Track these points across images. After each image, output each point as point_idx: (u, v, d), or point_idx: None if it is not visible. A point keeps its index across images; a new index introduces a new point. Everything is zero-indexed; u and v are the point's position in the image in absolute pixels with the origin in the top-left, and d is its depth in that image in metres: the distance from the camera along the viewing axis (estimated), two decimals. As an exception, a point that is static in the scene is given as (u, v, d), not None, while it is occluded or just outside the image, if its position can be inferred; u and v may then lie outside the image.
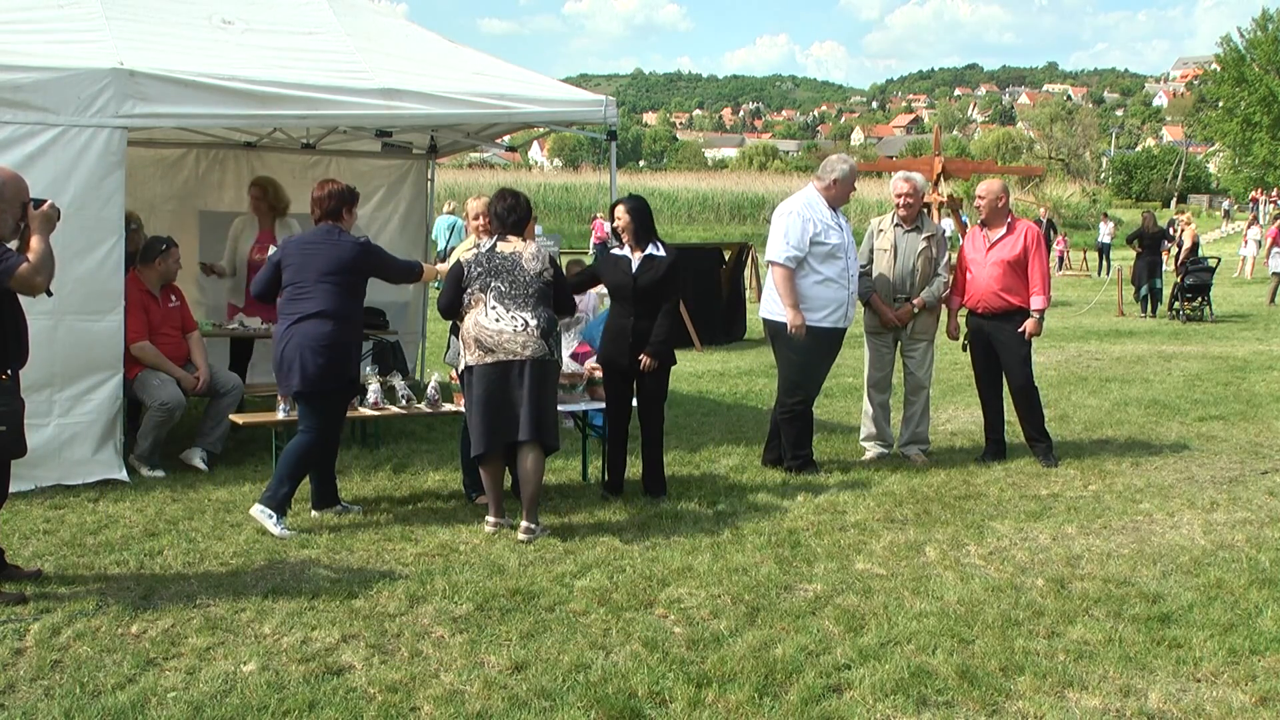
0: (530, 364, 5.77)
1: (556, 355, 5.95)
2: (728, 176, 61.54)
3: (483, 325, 5.82)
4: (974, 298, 7.67)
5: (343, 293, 5.91)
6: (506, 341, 5.78)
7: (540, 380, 5.80)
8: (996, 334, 7.63)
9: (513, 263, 5.89)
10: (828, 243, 7.16)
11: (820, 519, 6.21)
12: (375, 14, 8.85)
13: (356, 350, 6.10)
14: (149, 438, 7.09)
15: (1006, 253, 7.54)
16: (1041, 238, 7.79)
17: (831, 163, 7.50)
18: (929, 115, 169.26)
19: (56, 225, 4.80)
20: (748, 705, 3.87)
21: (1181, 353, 14.04)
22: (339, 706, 3.83)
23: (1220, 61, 56.27)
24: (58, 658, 4.21)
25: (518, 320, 5.80)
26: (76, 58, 6.59)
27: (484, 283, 5.88)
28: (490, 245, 5.99)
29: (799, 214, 7.21)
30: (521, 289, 5.85)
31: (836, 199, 7.35)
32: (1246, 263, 29.61)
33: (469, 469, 6.55)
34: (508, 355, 5.78)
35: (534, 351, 5.78)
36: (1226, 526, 6.19)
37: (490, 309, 5.83)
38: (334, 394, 5.95)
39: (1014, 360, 7.65)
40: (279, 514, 5.83)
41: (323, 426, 5.94)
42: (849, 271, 7.29)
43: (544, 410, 5.82)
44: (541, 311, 5.87)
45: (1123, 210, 53.73)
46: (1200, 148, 77.71)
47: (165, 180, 9.71)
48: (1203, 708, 3.92)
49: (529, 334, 5.79)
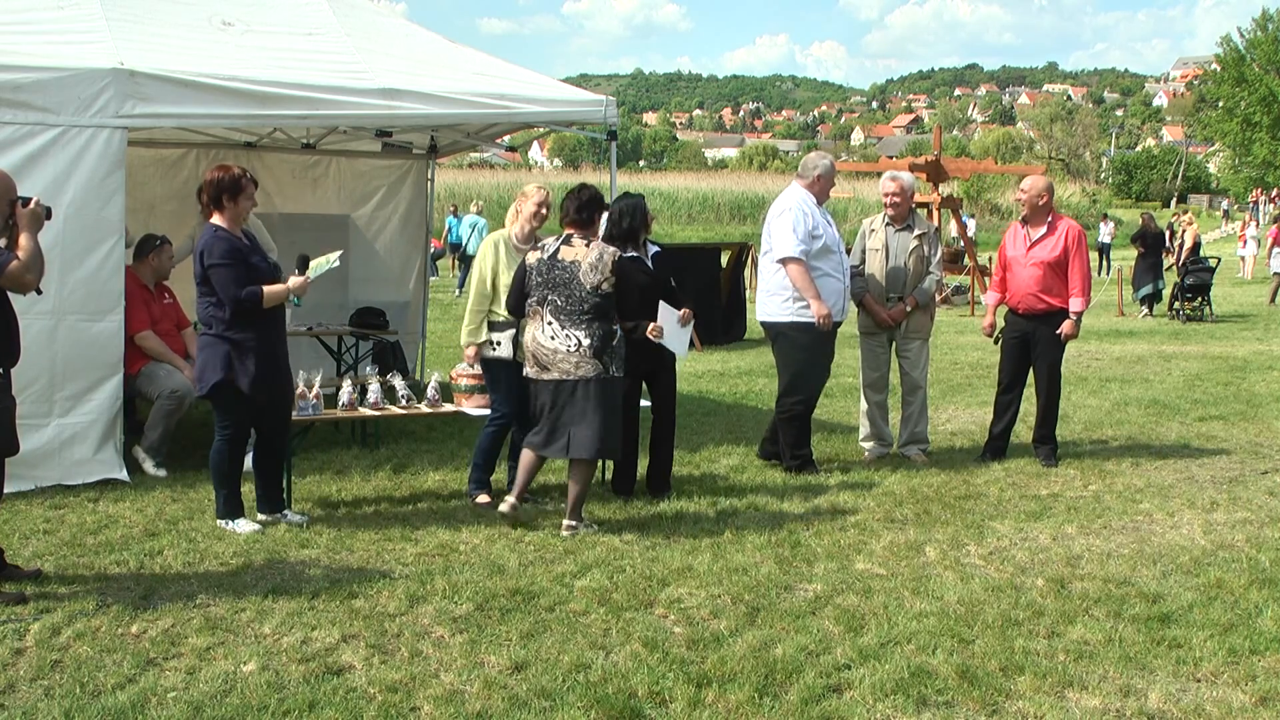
0: (582, 384, 5.80)
1: (614, 370, 5.91)
2: (728, 176, 61.51)
3: (539, 342, 5.87)
4: (1015, 297, 7.63)
5: (200, 293, 5.77)
6: (560, 361, 5.82)
7: (598, 398, 5.81)
8: (1034, 334, 7.59)
9: (570, 275, 5.83)
10: (822, 237, 7.19)
11: (820, 519, 6.21)
12: (375, 14, 8.85)
13: (241, 351, 5.69)
14: (158, 428, 7.07)
15: (1047, 253, 7.47)
16: (1084, 237, 7.68)
17: (812, 159, 7.54)
18: (929, 115, 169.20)
19: (45, 223, 4.80)
20: (748, 705, 3.87)
21: (1181, 353, 14.04)
22: (339, 706, 3.83)
23: (1220, 61, 56.26)
24: (58, 658, 4.21)
25: (571, 340, 5.80)
26: (76, 58, 6.59)
27: (541, 295, 5.89)
28: (553, 251, 5.94)
29: (798, 209, 7.22)
30: (577, 304, 5.81)
31: (821, 194, 7.38)
32: (1246, 263, 29.61)
33: (476, 465, 6.56)
34: (561, 374, 5.82)
35: (587, 371, 5.80)
36: (1226, 526, 6.19)
37: (546, 324, 5.85)
38: (222, 394, 5.78)
39: (1046, 361, 7.63)
40: (231, 517, 5.88)
41: (226, 426, 5.87)
42: (843, 265, 7.34)
43: (604, 427, 5.84)
44: (596, 329, 5.82)
45: (1123, 210, 53.77)
46: (1200, 148, 77.72)
47: (165, 180, 9.72)
48: (1203, 708, 3.91)
49: (581, 354, 5.80)
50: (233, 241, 5.73)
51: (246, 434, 5.96)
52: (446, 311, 18.71)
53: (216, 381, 5.71)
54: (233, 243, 5.72)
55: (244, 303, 5.63)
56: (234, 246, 5.71)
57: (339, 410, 6.63)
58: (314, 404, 6.36)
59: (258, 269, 5.76)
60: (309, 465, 7.26)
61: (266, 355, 5.77)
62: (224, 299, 5.65)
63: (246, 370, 5.69)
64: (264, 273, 5.78)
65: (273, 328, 5.85)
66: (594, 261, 5.82)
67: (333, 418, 6.65)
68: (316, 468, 7.27)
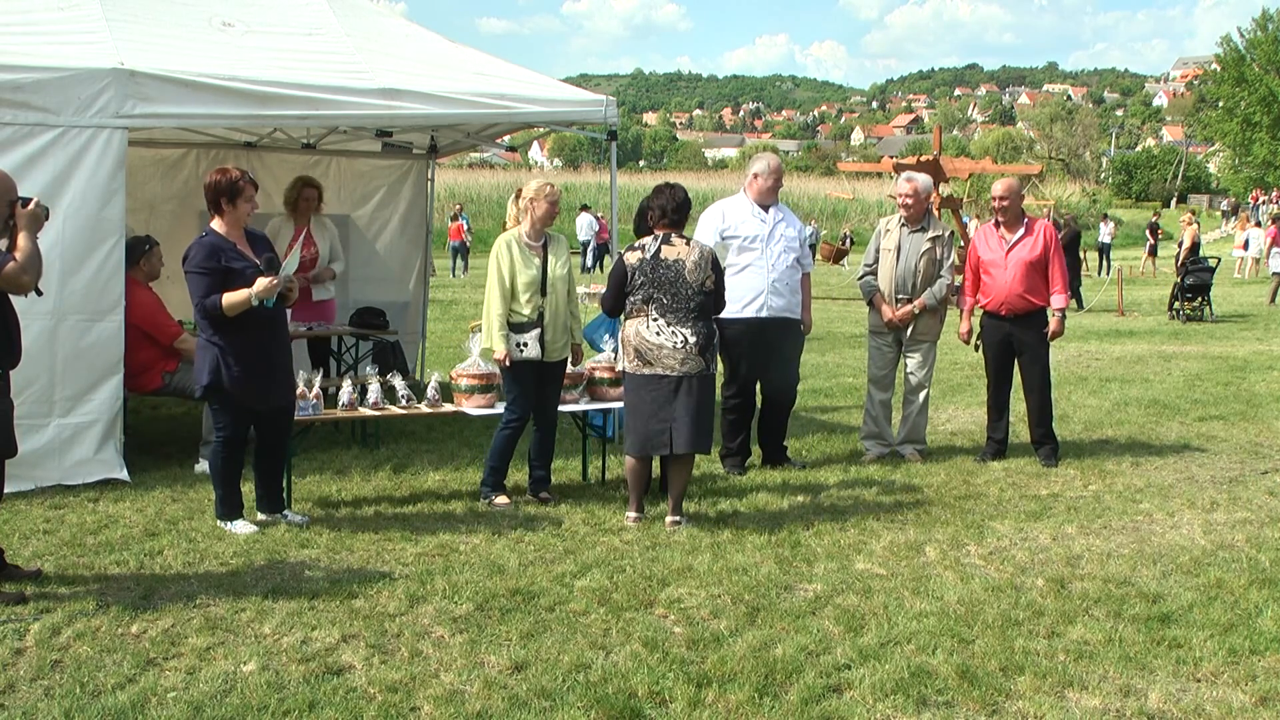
0: (686, 380, 5.94)
1: (713, 368, 6.09)
2: (728, 176, 61.48)
3: (644, 337, 5.98)
4: (996, 300, 7.63)
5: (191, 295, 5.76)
6: (665, 357, 5.94)
7: (698, 394, 5.97)
8: (1019, 335, 7.62)
9: (675, 273, 5.98)
10: (738, 236, 7.27)
11: (820, 519, 6.21)
12: (375, 14, 8.85)
13: (228, 355, 5.68)
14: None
15: (1027, 253, 7.52)
16: (1059, 236, 7.87)
17: (753, 160, 7.65)
18: (929, 115, 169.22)
19: (44, 224, 4.79)
20: (748, 705, 3.87)
21: (1181, 353, 14.04)
22: (339, 706, 3.83)
23: (1220, 61, 56.32)
24: (58, 658, 4.21)
25: (678, 336, 5.93)
26: (77, 58, 6.59)
27: (647, 294, 6.00)
28: (654, 251, 6.05)
29: (716, 211, 7.47)
30: (684, 303, 5.96)
31: (760, 194, 7.38)
32: (1246, 263, 29.61)
33: (494, 468, 6.57)
34: (665, 370, 5.95)
35: (691, 368, 5.94)
36: (1226, 526, 6.19)
37: (652, 321, 5.97)
38: (214, 396, 5.80)
39: (1035, 361, 7.65)
40: (229, 518, 5.89)
41: (221, 428, 5.87)
42: (768, 261, 7.25)
43: (701, 422, 6.00)
44: (701, 327, 6.00)
45: (1123, 210, 53.78)
46: (1200, 148, 77.74)
47: (165, 180, 9.72)
48: (1203, 708, 3.92)
49: (687, 350, 5.94)
50: (216, 247, 5.70)
51: (242, 435, 5.95)
52: (446, 311, 18.71)
53: (205, 384, 5.75)
54: (215, 248, 5.69)
55: (209, 310, 5.65)
56: (214, 253, 5.67)
57: (339, 410, 6.63)
58: (314, 404, 6.36)
59: (241, 274, 5.68)
60: (309, 465, 7.26)
61: (257, 359, 5.75)
62: (194, 305, 5.72)
63: (233, 374, 5.69)
64: (247, 277, 5.70)
65: (265, 330, 5.78)
66: (697, 260, 6.00)
67: (333, 418, 6.64)
68: (316, 468, 7.27)
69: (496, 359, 6.43)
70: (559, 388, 6.70)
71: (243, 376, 5.70)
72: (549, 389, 6.59)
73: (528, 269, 6.37)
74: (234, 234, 5.80)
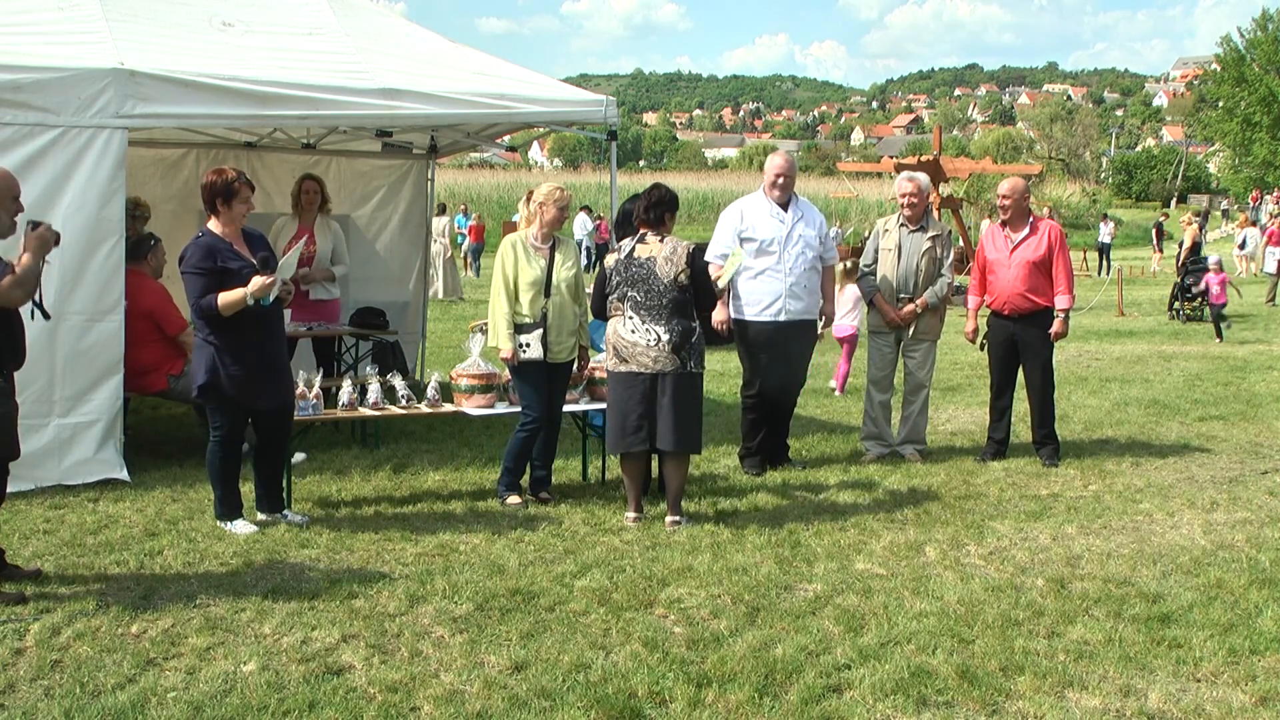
0: (661, 378, 5.97)
1: (693, 366, 6.07)
2: (728, 176, 61.47)
3: (620, 334, 6.05)
4: (999, 299, 7.64)
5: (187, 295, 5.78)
6: (640, 354, 5.99)
7: (675, 392, 5.97)
8: (1022, 335, 7.61)
9: (648, 270, 6.01)
10: (756, 240, 7.22)
11: (820, 519, 6.21)
12: (375, 14, 8.85)
13: (223, 354, 5.68)
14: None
15: (1031, 253, 7.52)
16: (1064, 236, 7.82)
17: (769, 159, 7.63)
18: (929, 115, 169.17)
19: (53, 248, 4.85)
20: (748, 705, 3.87)
21: (1181, 353, 14.04)
22: (339, 706, 3.83)
23: (1220, 61, 56.25)
24: (58, 658, 4.21)
25: (651, 334, 5.97)
26: (77, 58, 6.59)
27: (621, 292, 6.07)
28: (629, 250, 6.11)
29: (734, 210, 7.40)
30: (656, 299, 5.99)
31: (776, 193, 7.35)
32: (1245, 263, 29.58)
33: (508, 468, 6.58)
34: (639, 367, 5.99)
35: (664, 366, 5.96)
36: (1226, 526, 6.19)
37: (627, 319, 6.03)
38: (210, 396, 5.80)
39: (1037, 361, 7.65)
40: (228, 518, 5.90)
41: (218, 427, 5.87)
42: (783, 265, 7.22)
43: (682, 420, 6.00)
44: (675, 324, 6.00)
45: (1123, 210, 53.80)
46: (1200, 148, 77.69)
47: (165, 180, 9.72)
48: (1203, 708, 3.92)
49: (660, 349, 5.97)
50: (212, 247, 5.70)
51: (239, 435, 5.96)
52: (446, 311, 18.71)
53: (202, 384, 5.75)
54: (211, 249, 5.69)
55: (205, 310, 5.65)
56: (210, 253, 5.67)
57: (339, 410, 6.63)
58: (314, 404, 6.36)
59: (237, 274, 5.68)
60: (309, 465, 7.26)
61: (253, 358, 5.75)
62: (190, 305, 5.73)
63: (229, 373, 5.70)
64: (244, 277, 5.69)
65: (261, 330, 5.77)
66: (669, 254, 6.01)
67: (333, 418, 6.65)
68: (316, 468, 7.27)
69: (503, 357, 6.45)
70: (564, 389, 6.71)
71: (239, 376, 5.70)
72: (555, 390, 6.60)
73: (531, 270, 6.39)
74: (230, 234, 5.81)
